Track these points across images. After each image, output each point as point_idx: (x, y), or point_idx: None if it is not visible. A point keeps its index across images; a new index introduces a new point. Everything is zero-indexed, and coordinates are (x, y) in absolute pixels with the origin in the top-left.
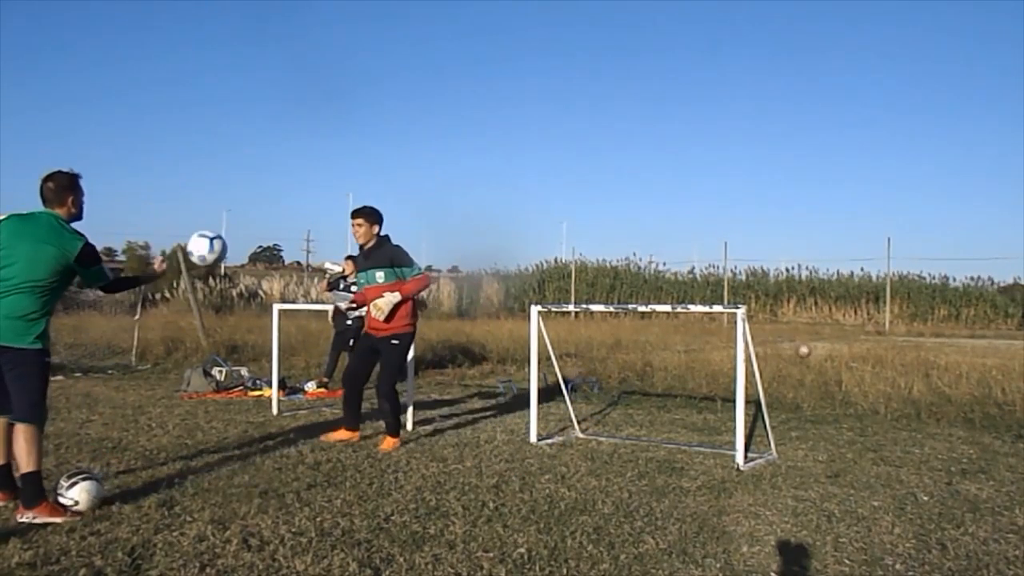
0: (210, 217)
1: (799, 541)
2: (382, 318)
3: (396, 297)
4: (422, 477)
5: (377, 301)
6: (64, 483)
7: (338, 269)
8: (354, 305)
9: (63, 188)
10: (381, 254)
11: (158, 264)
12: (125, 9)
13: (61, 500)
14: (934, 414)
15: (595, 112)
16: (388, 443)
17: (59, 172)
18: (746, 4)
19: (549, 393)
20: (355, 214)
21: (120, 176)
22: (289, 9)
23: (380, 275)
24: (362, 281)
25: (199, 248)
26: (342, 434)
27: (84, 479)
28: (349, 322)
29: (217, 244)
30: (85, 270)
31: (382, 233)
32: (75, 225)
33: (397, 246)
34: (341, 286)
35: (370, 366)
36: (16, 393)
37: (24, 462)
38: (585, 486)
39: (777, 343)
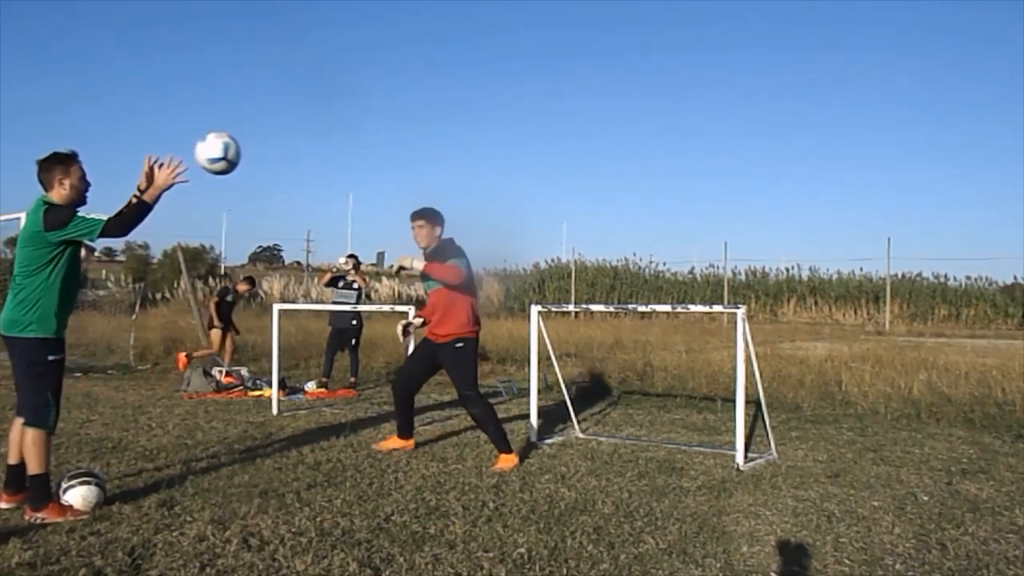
0: (210, 217)
1: (799, 541)
2: (409, 264)
3: (420, 265)
4: (422, 477)
5: (405, 256)
6: (64, 484)
7: (348, 267)
8: (420, 321)
9: (48, 168)
10: (440, 254)
11: (160, 170)
12: (124, 9)
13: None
14: (934, 414)
15: (595, 112)
16: (502, 462)
17: (51, 152)
18: (746, 4)
19: (549, 393)
20: (416, 215)
21: (119, 176)
22: (289, 9)
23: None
24: (425, 287)
25: (211, 150)
26: (394, 442)
27: (83, 483)
28: (355, 322)
29: (231, 150)
30: (65, 231)
31: (444, 236)
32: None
33: (451, 243)
34: (340, 284)
35: (424, 372)
36: (23, 393)
37: (30, 464)
38: (585, 486)
39: (777, 343)
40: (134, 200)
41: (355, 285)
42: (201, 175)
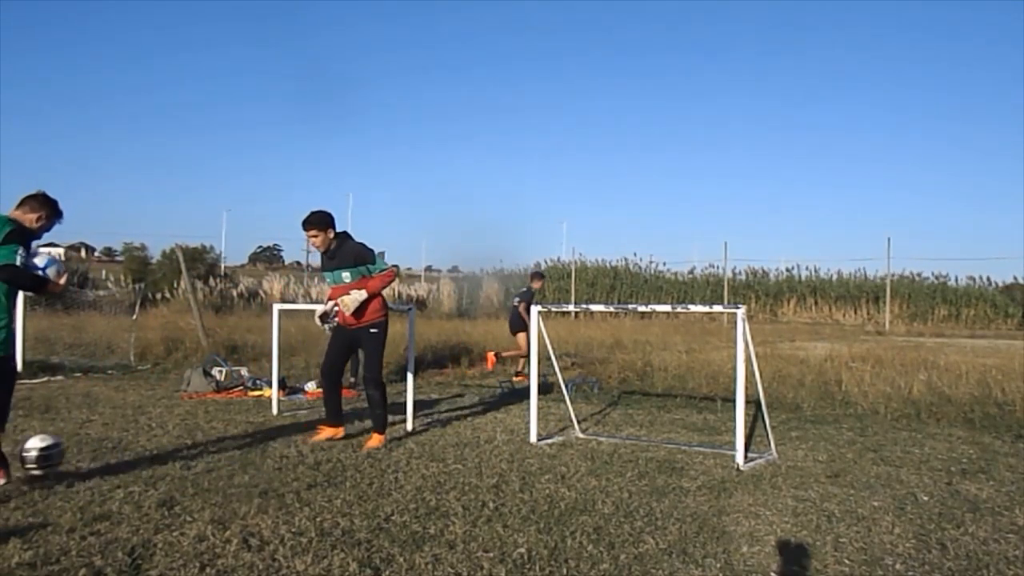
0: (210, 217)
1: (799, 541)
2: (348, 313)
3: (363, 295)
4: (422, 477)
5: (344, 298)
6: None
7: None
8: (335, 309)
9: (43, 203)
10: (344, 253)
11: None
12: (125, 9)
13: None
14: (934, 414)
15: (595, 112)
16: (374, 440)
17: (55, 199)
18: (746, 4)
19: (549, 393)
20: (307, 225)
21: (120, 176)
22: (290, 10)
23: (347, 275)
24: (329, 281)
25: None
26: (327, 432)
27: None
28: None
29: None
30: (3, 249)
31: (338, 231)
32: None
33: (359, 243)
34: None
35: (346, 359)
36: None
37: None
38: (585, 486)
39: (777, 343)
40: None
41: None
42: None
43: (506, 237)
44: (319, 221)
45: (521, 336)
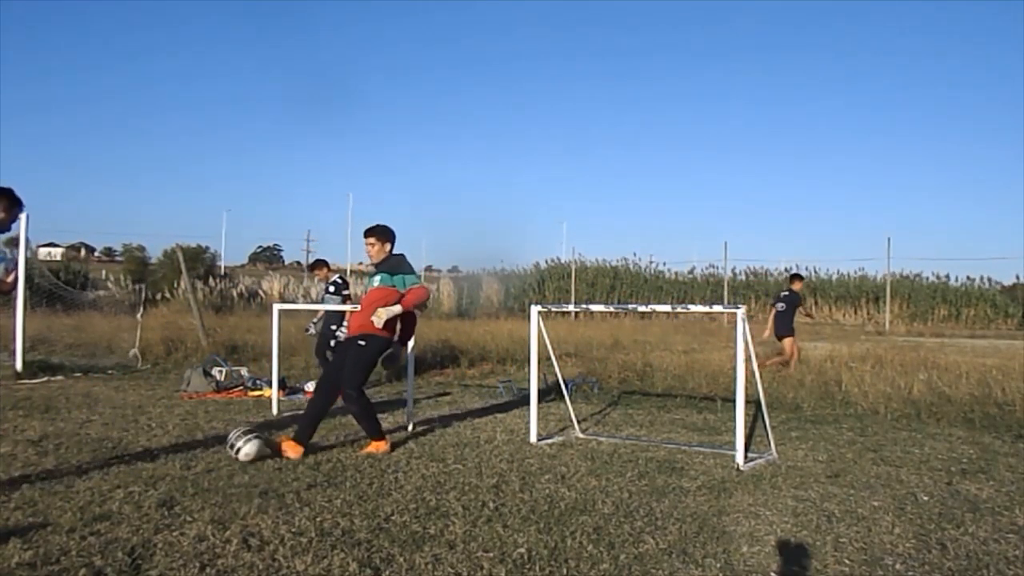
0: (209, 217)
1: (799, 541)
2: (379, 324)
3: (397, 308)
4: (422, 477)
5: (379, 309)
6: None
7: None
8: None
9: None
10: (386, 264)
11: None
12: (126, 10)
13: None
14: (934, 414)
15: (595, 113)
16: (372, 447)
17: (9, 188)
18: (746, 5)
19: (549, 393)
20: (368, 233)
21: (120, 177)
22: (289, 10)
23: (377, 279)
24: (367, 284)
25: None
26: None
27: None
28: (334, 326)
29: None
30: None
31: (395, 252)
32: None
33: (404, 258)
34: (320, 293)
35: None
36: None
37: None
38: (585, 486)
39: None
40: None
41: (331, 289)
42: None
43: (506, 237)
44: (381, 232)
45: (787, 341)
